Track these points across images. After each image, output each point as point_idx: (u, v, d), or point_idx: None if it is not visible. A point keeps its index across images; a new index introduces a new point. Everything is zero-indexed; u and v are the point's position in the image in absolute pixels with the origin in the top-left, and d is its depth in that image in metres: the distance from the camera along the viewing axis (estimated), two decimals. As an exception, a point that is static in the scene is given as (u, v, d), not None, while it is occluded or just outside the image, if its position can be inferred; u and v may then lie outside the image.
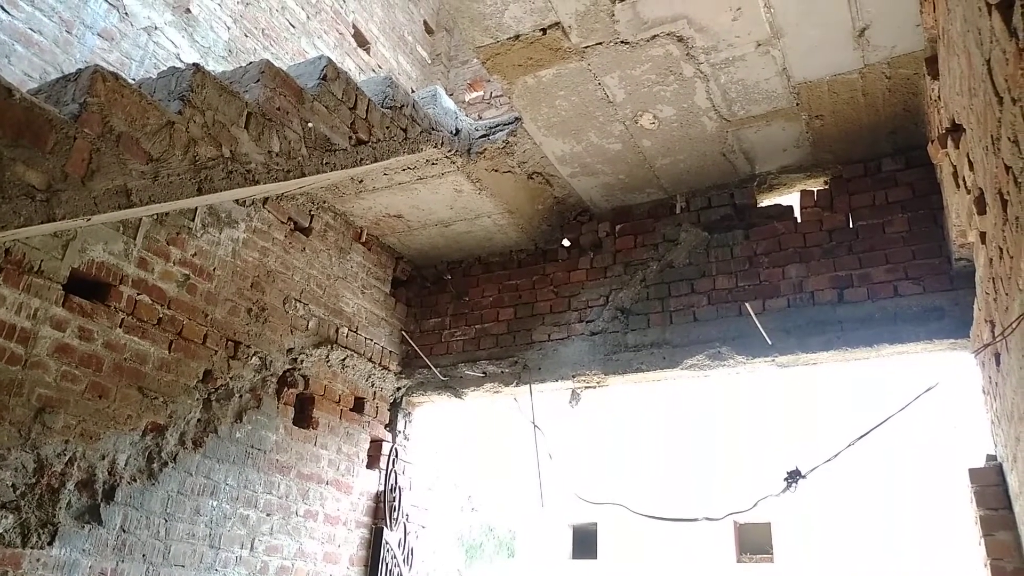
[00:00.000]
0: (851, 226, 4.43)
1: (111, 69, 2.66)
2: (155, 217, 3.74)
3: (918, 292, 4.06)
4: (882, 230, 4.31)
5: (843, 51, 3.74)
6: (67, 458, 3.23)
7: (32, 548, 3.05)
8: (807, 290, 4.36)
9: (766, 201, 4.85)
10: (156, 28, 4.11)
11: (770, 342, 4.28)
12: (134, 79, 3.47)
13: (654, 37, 3.73)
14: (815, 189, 4.66)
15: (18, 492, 3.03)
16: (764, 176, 4.79)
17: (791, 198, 4.79)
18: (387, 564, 4.91)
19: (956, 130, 2.80)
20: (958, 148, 2.81)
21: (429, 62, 6.98)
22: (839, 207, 4.51)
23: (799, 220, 4.60)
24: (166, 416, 3.71)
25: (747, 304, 4.39)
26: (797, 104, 4.15)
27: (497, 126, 4.64)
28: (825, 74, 3.92)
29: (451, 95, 6.36)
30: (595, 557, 12.94)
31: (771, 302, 4.43)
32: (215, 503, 3.91)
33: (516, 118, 4.54)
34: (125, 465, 3.48)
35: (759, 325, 4.29)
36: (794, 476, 4.03)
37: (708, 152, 4.60)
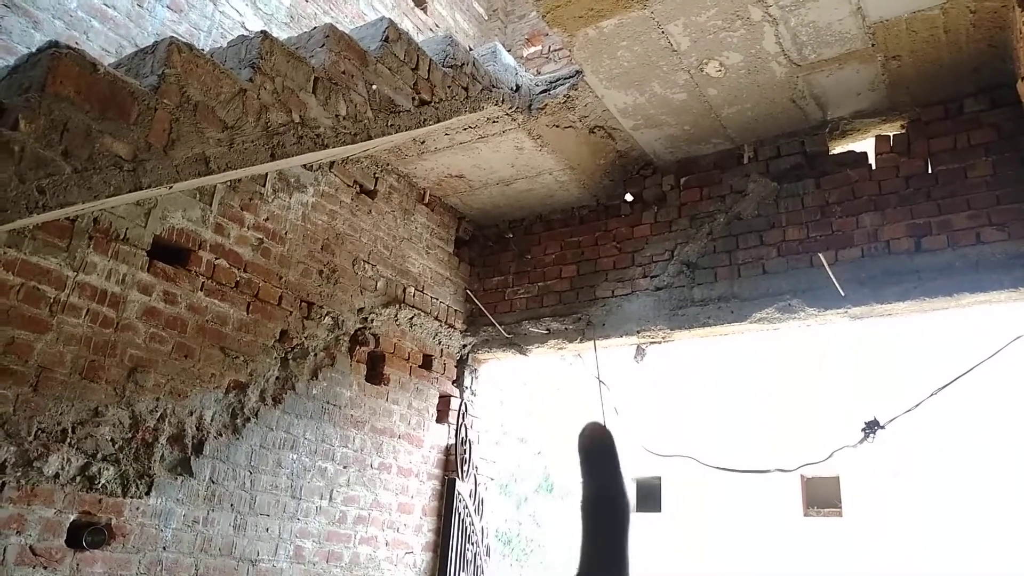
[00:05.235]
0: (930, 171, 4.24)
1: (184, 40, 2.73)
2: (229, 184, 3.85)
3: (1003, 239, 3.88)
4: (964, 175, 4.12)
5: (924, -14, 3.54)
6: (159, 414, 3.43)
7: (131, 498, 3.27)
8: (882, 239, 4.22)
9: (839, 148, 4.67)
10: (220, -4, 4.18)
11: (843, 293, 4.17)
12: (204, 49, 3.55)
13: (720, -19, 3.61)
14: (891, 134, 4.47)
15: (117, 446, 3.23)
16: (836, 122, 4.61)
17: (865, 144, 4.60)
18: (459, 513, 5.07)
19: (1050, 65, 2.64)
20: (1052, 85, 2.65)
21: (486, 18, 6.90)
22: (917, 152, 4.31)
23: (874, 167, 4.43)
24: (247, 374, 3.88)
25: (820, 255, 4.28)
26: (872, 45, 3.96)
27: (557, 80, 4.57)
28: (903, 12, 3.72)
29: (509, 51, 6.28)
30: (659, 510, 13.03)
31: (844, 252, 4.30)
32: (295, 456, 4.10)
33: (577, 71, 4.46)
34: (211, 421, 3.67)
35: (832, 276, 4.18)
36: (872, 426, 3.97)
37: (777, 99, 4.45)
